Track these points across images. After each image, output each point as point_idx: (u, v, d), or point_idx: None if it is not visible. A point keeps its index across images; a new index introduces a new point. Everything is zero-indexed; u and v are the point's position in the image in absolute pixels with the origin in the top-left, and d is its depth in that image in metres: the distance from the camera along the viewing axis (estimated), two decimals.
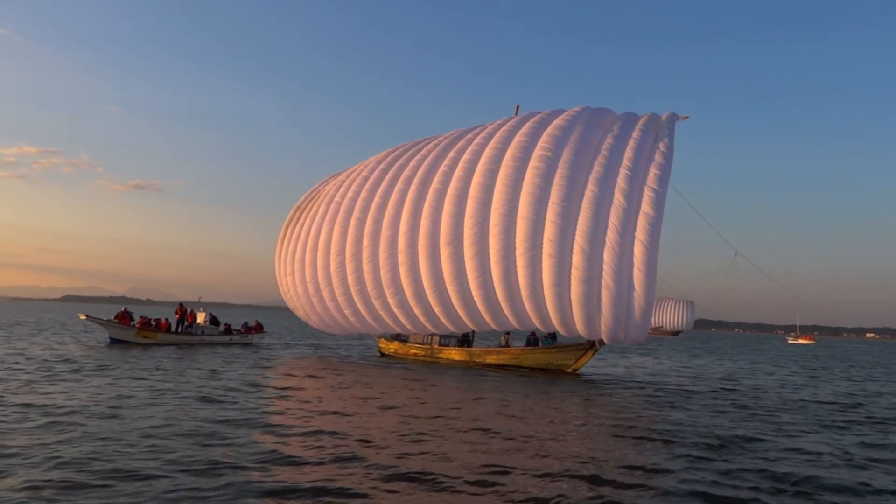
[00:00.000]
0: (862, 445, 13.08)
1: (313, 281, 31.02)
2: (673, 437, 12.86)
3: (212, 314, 37.12)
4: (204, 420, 12.56)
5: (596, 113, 26.82)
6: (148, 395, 15.42)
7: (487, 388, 20.50)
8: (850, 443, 13.26)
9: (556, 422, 14.39)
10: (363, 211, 28.84)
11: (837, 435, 14.18)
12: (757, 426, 14.81)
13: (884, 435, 14.52)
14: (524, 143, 25.90)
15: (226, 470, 8.96)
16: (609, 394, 20.90)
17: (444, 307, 27.32)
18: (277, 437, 11.35)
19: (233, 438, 11.03)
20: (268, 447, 10.45)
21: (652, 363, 37.99)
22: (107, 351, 27.38)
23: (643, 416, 16.01)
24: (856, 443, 13.31)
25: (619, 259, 23.17)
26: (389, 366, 27.37)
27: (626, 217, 23.33)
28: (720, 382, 26.64)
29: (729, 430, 14.03)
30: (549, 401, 18.11)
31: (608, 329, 24.39)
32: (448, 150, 28.13)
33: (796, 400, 20.97)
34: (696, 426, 14.40)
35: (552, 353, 28.28)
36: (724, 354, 54.02)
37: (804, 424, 15.46)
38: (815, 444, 12.84)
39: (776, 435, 13.67)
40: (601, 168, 24.28)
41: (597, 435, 12.92)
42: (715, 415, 16.46)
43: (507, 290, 25.49)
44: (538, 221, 24.28)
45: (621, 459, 10.73)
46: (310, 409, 14.68)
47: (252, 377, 20.48)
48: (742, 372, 33.50)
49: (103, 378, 18.26)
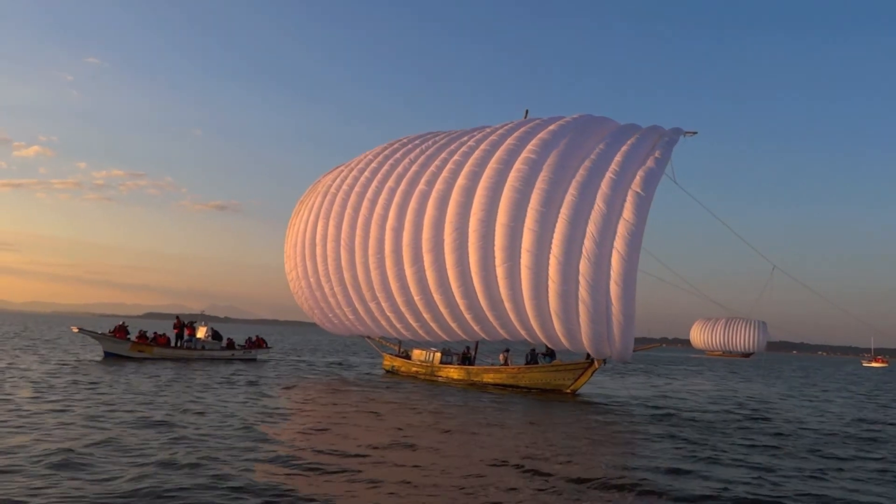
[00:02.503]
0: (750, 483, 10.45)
1: (314, 275, 30.52)
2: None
3: (213, 328, 36.03)
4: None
5: (594, 120, 25.18)
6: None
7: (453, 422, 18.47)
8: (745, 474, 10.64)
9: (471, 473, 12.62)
10: (355, 207, 28.20)
11: (748, 465, 11.46)
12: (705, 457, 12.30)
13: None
14: (512, 146, 24.54)
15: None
16: (566, 425, 18.78)
17: (433, 314, 26.27)
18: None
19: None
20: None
21: (680, 384, 35.17)
22: (93, 366, 26.10)
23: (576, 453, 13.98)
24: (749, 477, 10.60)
25: (595, 270, 21.39)
26: (377, 388, 25.41)
27: (604, 225, 21.55)
28: (732, 406, 23.53)
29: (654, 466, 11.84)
30: (495, 437, 16.30)
31: (590, 344, 22.61)
32: (441, 150, 27.04)
33: (792, 426, 17.57)
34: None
35: (550, 373, 26.34)
36: (780, 378, 49.83)
37: (743, 452, 12.74)
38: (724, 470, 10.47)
39: (697, 463, 11.15)
40: (586, 172, 22.63)
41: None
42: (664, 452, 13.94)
43: (489, 301, 24.10)
44: (516, 229, 22.82)
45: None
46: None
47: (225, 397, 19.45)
48: (776, 396, 30.31)
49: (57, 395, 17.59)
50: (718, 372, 56.45)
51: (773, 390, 35.25)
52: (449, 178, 25.07)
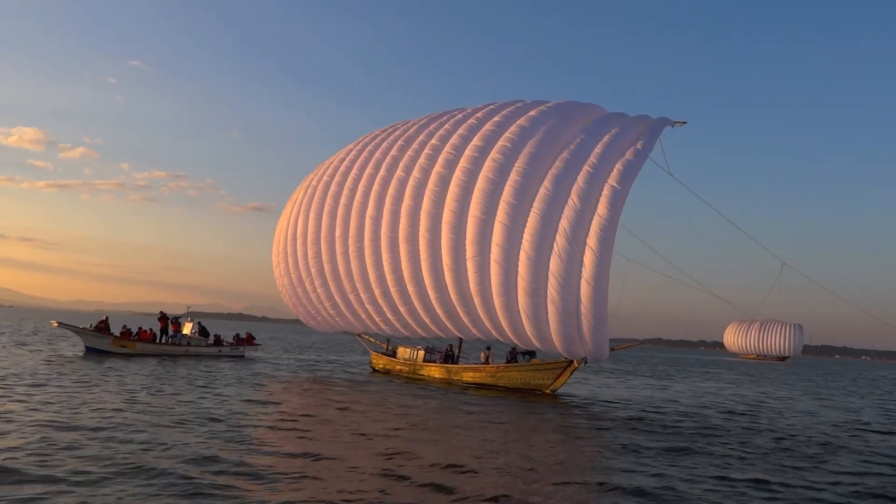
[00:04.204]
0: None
1: (296, 270, 29.97)
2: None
3: (201, 324, 35.03)
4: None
5: (577, 108, 23.99)
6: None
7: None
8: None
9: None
10: (335, 197, 27.45)
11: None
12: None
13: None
14: (490, 132, 23.51)
15: None
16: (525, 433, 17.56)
17: (408, 307, 25.59)
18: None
19: None
20: None
21: (684, 387, 33.54)
22: (68, 362, 24.72)
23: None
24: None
25: (566, 268, 20.27)
26: (357, 386, 24.64)
27: (577, 220, 20.40)
28: (713, 411, 21.64)
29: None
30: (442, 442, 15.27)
31: (561, 345, 21.54)
32: (421, 130, 26.07)
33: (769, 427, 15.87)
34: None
35: (529, 372, 25.25)
36: (801, 382, 47.19)
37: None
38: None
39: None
40: (562, 164, 21.49)
41: None
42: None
43: (459, 296, 23.16)
44: (487, 222, 21.83)
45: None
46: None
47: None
48: (779, 401, 28.24)
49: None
50: (736, 374, 54.22)
51: (779, 393, 33.33)
52: (426, 165, 24.12)
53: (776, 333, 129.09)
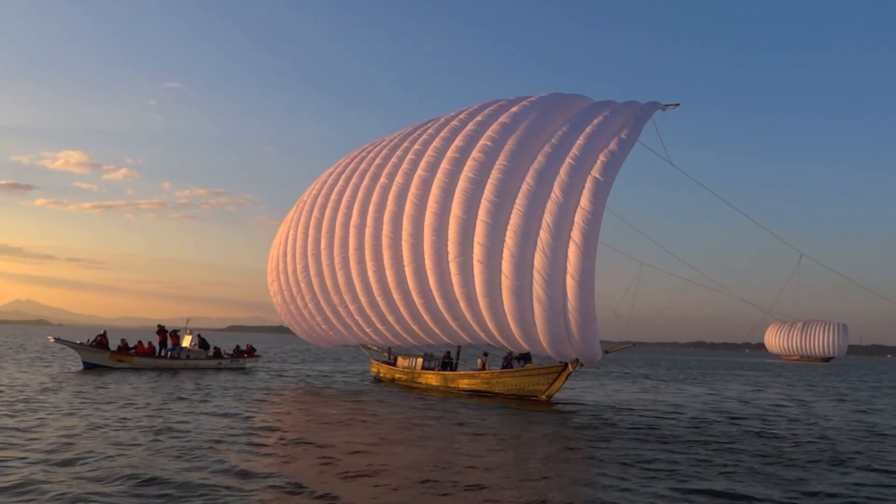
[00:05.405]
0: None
1: (287, 286, 29.59)
2: None
3: (200, 336, 34.73)
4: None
5: (561, 100, 23.03)
6: None
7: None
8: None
9: None
10: (321, 209, 27.21)
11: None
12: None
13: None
14: (472, 131, 22.73)
15: None
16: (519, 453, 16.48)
17: (396, 316, 24.92)
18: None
19: None
20: None
21: (702, 391, 31.94)
22: (67, 377, 24.60)
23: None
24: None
25: (551, 264, 19.24)
26: (343, 397, 23.91)
27: (560, 214, 19.39)
28: (715, 416, 20.38)
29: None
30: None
31: (549, 346, 20.46)
32: (404, 139, 25.60)
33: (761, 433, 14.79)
34: None
35: (524, 378, 24.17)
36: (843, 385, 44.69)
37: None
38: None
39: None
40: (544, 159, 20.55)
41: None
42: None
43: (445, 301, 22.29)
44: (469, 221, 20.96)
45: None
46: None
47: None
48: (787, 402, 26.51)
49: None
50: (765, 377, 51.83)
51: (796, 395, 31.42)
52: (408, 169, 23.55)
53: (819, 334, 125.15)
